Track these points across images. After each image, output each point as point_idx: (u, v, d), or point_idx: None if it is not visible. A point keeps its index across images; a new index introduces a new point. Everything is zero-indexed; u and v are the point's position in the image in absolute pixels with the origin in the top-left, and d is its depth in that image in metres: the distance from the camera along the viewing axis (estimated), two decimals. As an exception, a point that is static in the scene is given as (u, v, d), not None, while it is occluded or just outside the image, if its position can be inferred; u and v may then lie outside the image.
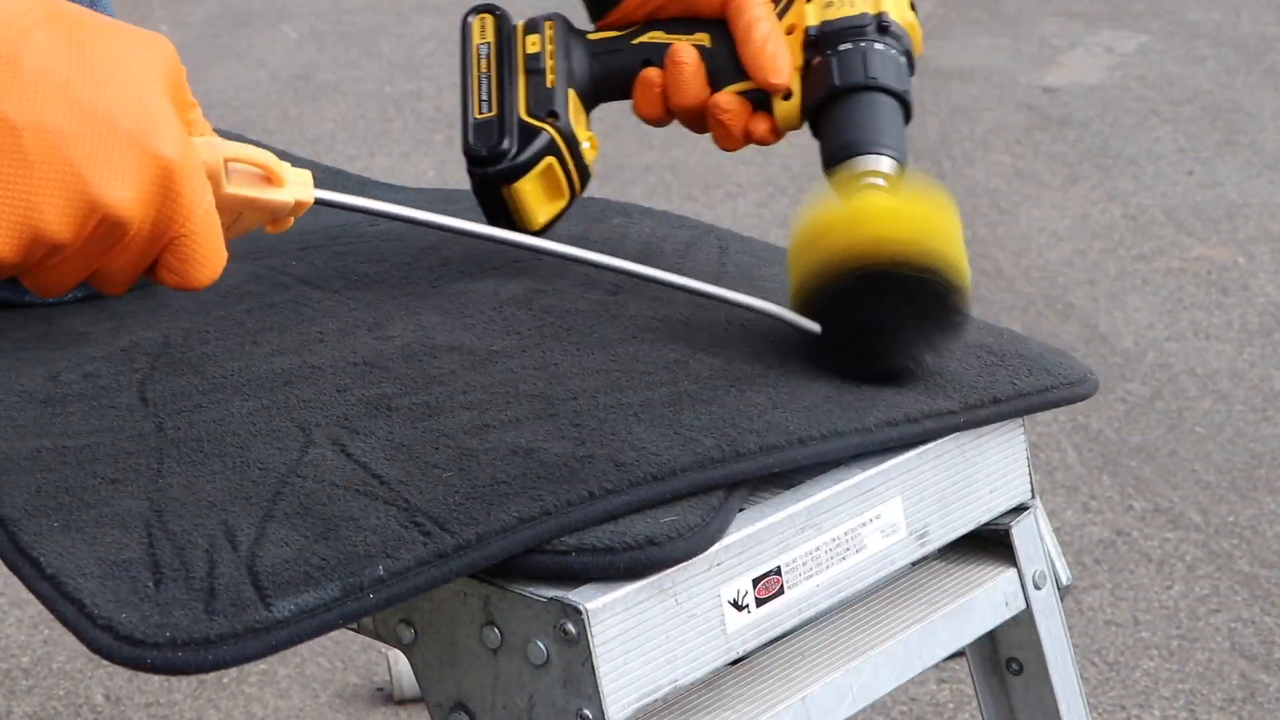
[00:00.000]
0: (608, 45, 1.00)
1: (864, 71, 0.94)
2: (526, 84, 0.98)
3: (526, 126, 0.96)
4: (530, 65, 0.98)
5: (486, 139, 0.96)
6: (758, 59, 0.96)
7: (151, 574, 0.71)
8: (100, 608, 0.69)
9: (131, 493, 0.78)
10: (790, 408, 0.85)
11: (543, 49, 0.99)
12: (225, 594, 0.69)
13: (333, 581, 0.70)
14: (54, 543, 0.74)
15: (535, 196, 0.98)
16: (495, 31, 1.00)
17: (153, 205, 0.70)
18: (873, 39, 0.95)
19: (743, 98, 0.97)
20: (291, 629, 0.68)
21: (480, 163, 0.97)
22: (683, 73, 0.97)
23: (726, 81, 0.98)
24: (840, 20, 0.96)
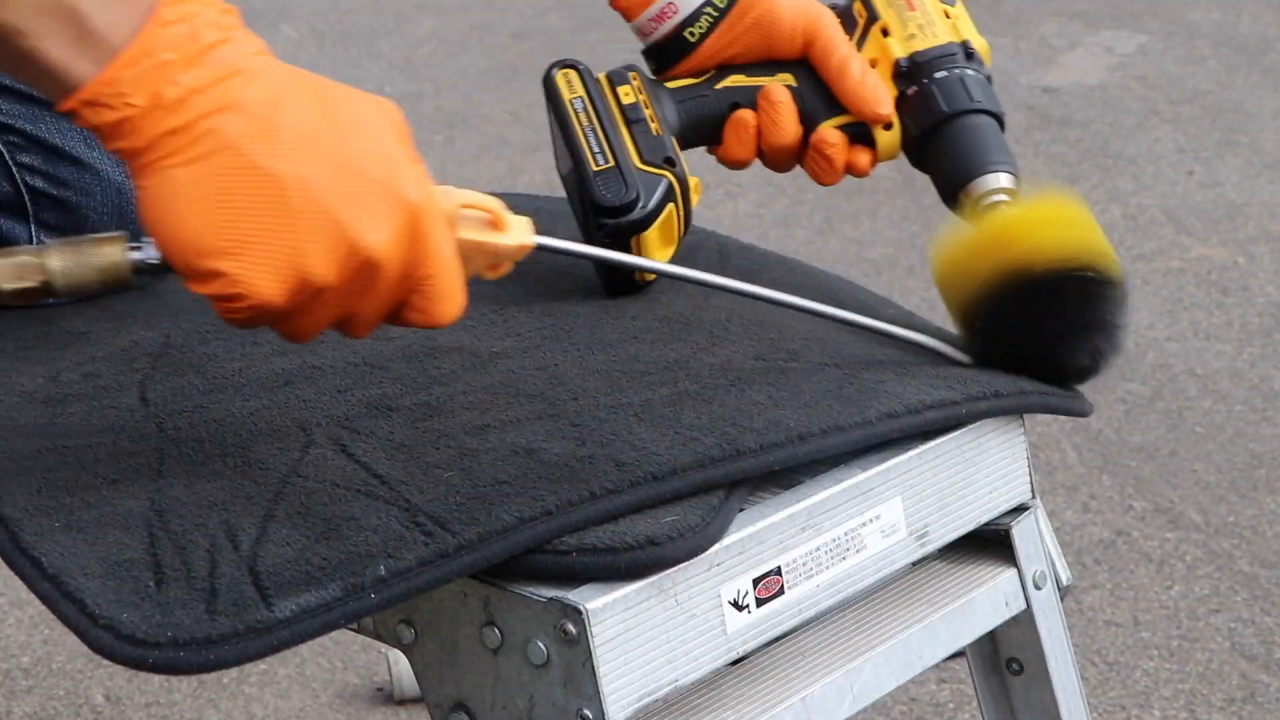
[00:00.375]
0: (691, 92, 1.02)
1: (968, 97, 0.99)
2: (631, 134, 0.99)
3: (647, 175, 0.98)
4: (630, 115, 1.00)
5: (616, 190, 0.97)
6: (860, 92, 1.00)
7: (153, 574, 0.71)
8: (101, 607, 0.69)
9: (133, 493, 0.78)
10: (790, 405, 0.85)
11: (637, 99, 1.00)
12: (227, 594, 0.69)
13: (334, 581, 0.70)
14: (55, 542, 0.74)
15: (656, 244, 0.99)
16: (583, 85, 1.01)
17: (403, 247, 0.75)
18: (964, 65, 1.00)
19: (843, 132, 1.01)
20: (293, 629, 0.69)
21: (614, 213, 0.97)
22: (780, 111, 1.00)
23: (820, 118, 1.01)
24: (931, 50, 1.00)
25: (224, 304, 0.73)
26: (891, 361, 0.92)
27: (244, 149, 0.71)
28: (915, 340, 0.94)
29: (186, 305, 1.01)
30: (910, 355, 0.94)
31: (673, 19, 1.02)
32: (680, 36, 1.02)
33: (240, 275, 0.71)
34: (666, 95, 1.02)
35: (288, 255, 0.72)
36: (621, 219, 0.97)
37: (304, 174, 0.72)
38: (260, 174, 0.71)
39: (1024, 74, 4.15)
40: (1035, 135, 3.66)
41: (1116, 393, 2.40)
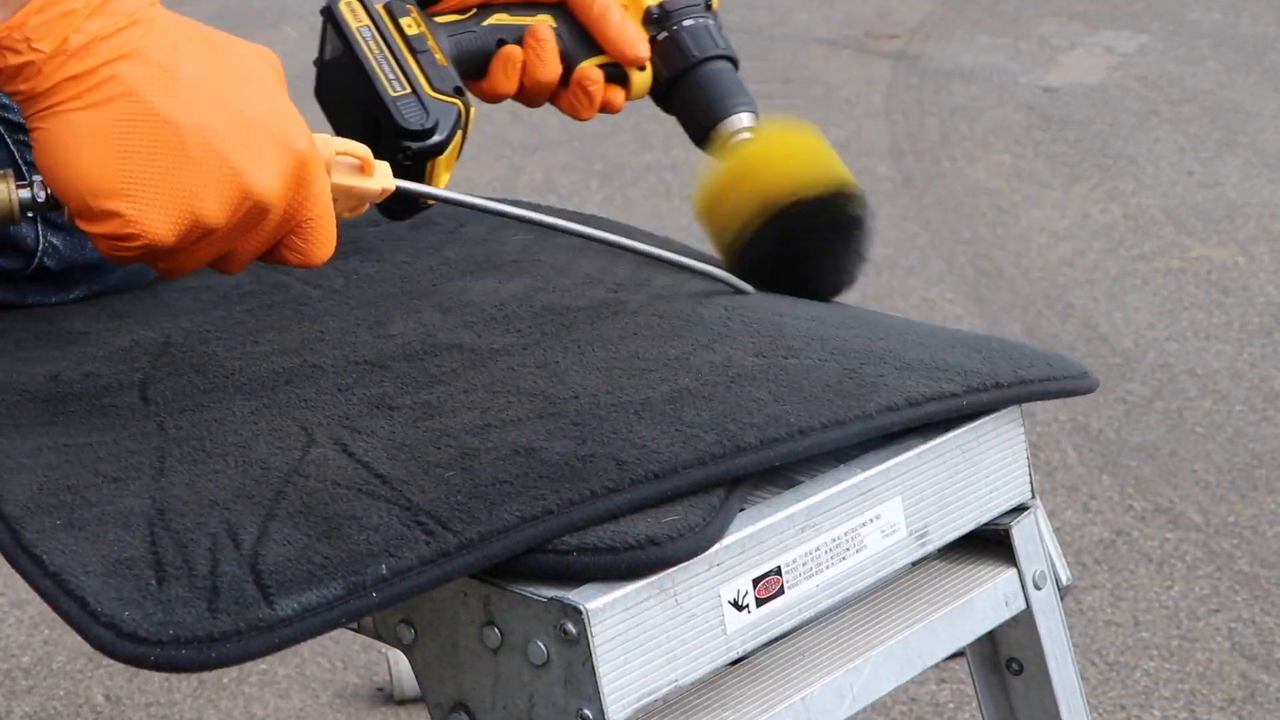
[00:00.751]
0: (460, 27, 1.06)
1: (714, 43, 1.08)
2: (419, 63, 1.02)
3: (440, 103, 1.00)
4: (416, 45, 1.02)
5: (418, 115, 0.99)
6: (621, 35, 1.06)
7: (154, 572, 0.71)
8: (103, 605, 0.69)
9: (134, 491, 0.78)
10: (790, 400, 0.85)
11: (420, 30, 1.03)
12: (228, 592, 0.69)
13: (336, 580, 0.70)
14: (56, 540, 0.74)
15: (444, 169, 1.02)
16: (367, 15, 1.03)
17: (289, 191, 0.80)
18: (705, 15, 1.08)
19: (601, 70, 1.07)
20: (295, 627, 0.68)
21: (415, 137, 0.99)
22: (545, 49, 1.05)
23: (579, 59, 1.07)
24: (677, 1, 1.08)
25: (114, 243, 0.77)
26: (891, 355, 0.92)
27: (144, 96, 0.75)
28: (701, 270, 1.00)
29: (187, 305, 1.01)
30: (910, 348, 0.94)
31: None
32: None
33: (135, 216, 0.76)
34: (440, 29, 1.05)
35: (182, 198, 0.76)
36: (424, 142, 0.99)
37: (201, 121, 0.76)
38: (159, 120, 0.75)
39: (1024, 74, 4.15)
40: (1035, 135, 3.66)
41: (1116, 393, 2.40)
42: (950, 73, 4.17)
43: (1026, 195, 3.29)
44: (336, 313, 0.98)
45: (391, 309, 0.98)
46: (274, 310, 0.99)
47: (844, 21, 4.76)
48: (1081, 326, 2.66)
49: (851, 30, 4.66)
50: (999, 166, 3.47)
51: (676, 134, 1.09)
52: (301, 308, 0.99)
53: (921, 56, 4.37)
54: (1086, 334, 2.63)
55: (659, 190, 3.30)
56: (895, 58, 4.36)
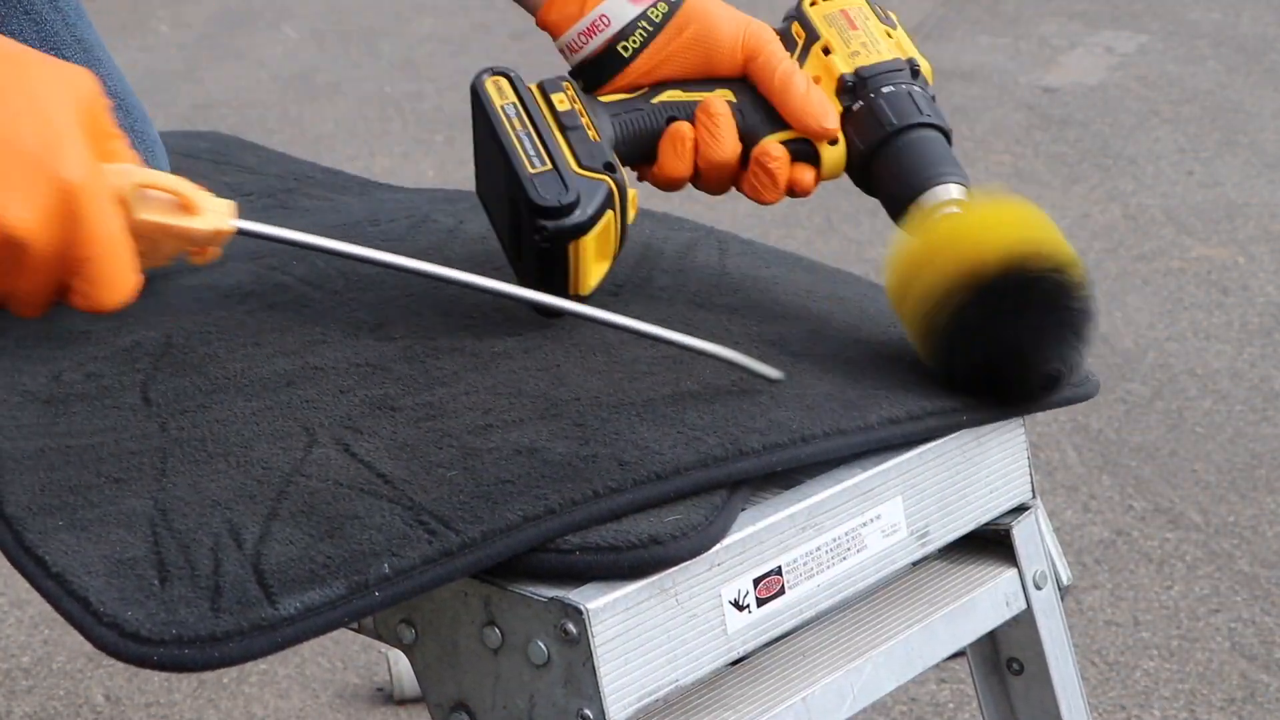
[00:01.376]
0: (626, 106, 0.98)
1: (917, 110, 0.95)
2: (568, 140, 0.94)
3: (586, 180, 0.92)
4: (566, 122, 0.95)
5: (555, 190, 0.91)
6: (806, 107, 0.96)
7: (157, 572, 0.71)
8: (106, 605, 0.69)
9: (136, 492, 0.78)
10: (793, 406, 0.85)
11: (573, 107, 0.96)
12: (231, 591, 0.69)
13: (338, 579, 0.70)
14: (59, 541, 0.74)
15: (593, 254, 0.93)
16: (514, 92, 0.96)
17: (55, 227, 0.70)
18: (910, 82, 0.97)
19: (785, 147, 0.97)
20: (297, 626, 0.69)
21: (553, 215, 0.90)
22: (719, 124, 0.96)
23: (761, 134, 0.97)
24: (878, 65, 0.97)
25: None
26: (895, 365, 0.92)
27: None
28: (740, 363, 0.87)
29: (188, 305, 1.01)
30: (911, 357, 0.94)
31: (604, 32, 0.98)
32: (613, 50, 0.98)
33: None
34: (601, 108, 0.97)
35: None
36: (562, 221, 0.90)
37: None
38: None
39: (1024, 74, 4.15)
40: (1035, 135, 3.66)
41: (1116, 393, 2.40)
42: (950, 73, 4.17)
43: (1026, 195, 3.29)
44: (337, 314, 0.98)
45: (392, 311, 0.98)
46: (275, 311, 0.99)
47: (844, 21, 4.76)
48: (1081, 326, 2.66)
49: (851, 30, 4.65)
50: (999, 166, 3.47)
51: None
52: (303, 309, 0.99)
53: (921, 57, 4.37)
54: (1086, 334, 2.62)
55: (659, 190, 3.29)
56: (895, 58, 4.36)
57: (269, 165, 1.37)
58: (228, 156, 1.39)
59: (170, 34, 4.50)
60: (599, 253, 0.93)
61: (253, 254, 1.10)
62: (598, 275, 0.94)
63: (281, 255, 1.10)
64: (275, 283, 1.04)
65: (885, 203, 0.97)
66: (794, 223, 3.12)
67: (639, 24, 0.97)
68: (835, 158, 0.97)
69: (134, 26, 4.52)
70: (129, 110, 1.05)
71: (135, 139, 1.04)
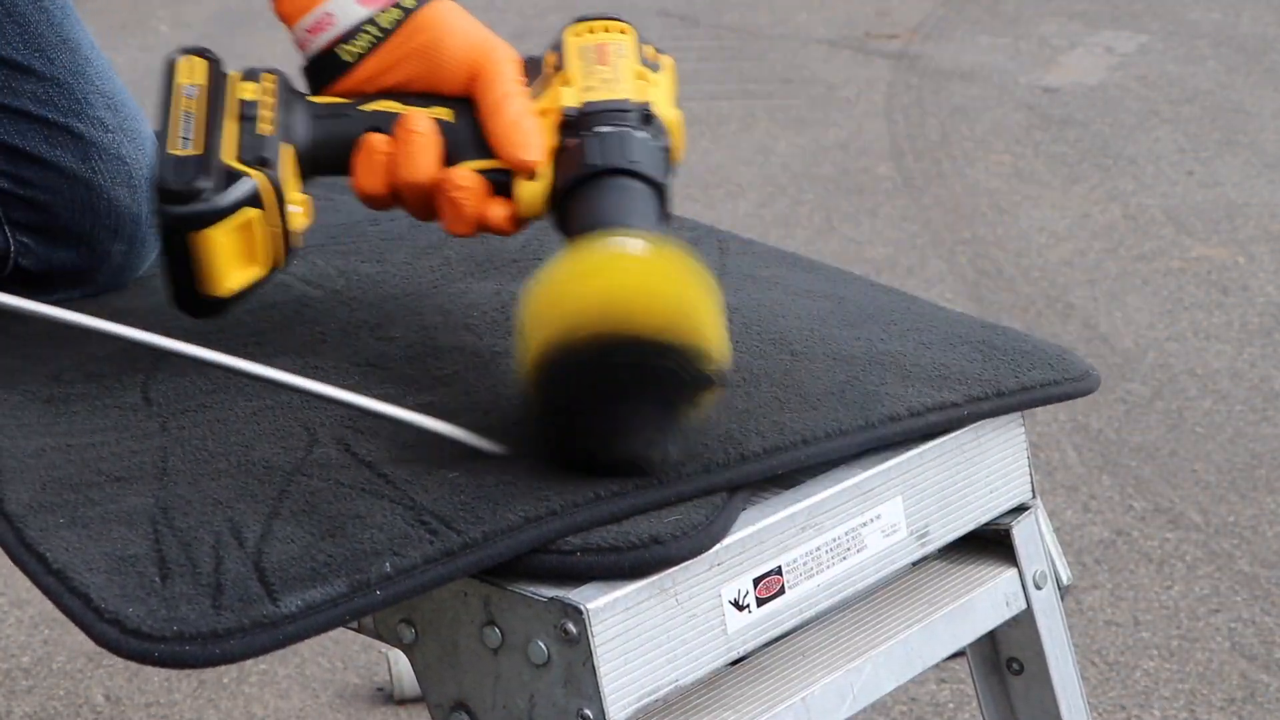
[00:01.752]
0: (332, 109, 0.90)
1: (624, 154, 0.85)
2: (239, 130, 0.86)
3: (231, 170, 0.84)
4: (244, 111, 0.87)
5: (182, 175, 0.83)
6: (508, 134, 0.86)
7: (158, 569, 0.71)
8: (107, 602, 0.69)
9: (137, 490, 0.78)
10: (794, 408, 0.85)
11: (259, 98, 0.88)
12: (232, 589, 0.69)
13: (339, 578, 0.70)
14: (59, 538, 0.74)
15: (227, 253, 0.84)
16: (207, 76, 0.89)
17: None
18: (634, 125, 0.86)
19: (482, 177, 0.87)
20: (299, 624, 0.69)
21: (170, 199, 0.83)
22: (413, 142, 0.87)
23: (466, 160, 0.87)
24: (604, 103, 0.87)
25: None
26: (893, 361, 0.92)
27: None
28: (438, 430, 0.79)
29: (188, 305, 1.01)
30: (912, 349, 0.94)
31: (328, 32, 0.90)
32: (334, 53, 0.90)
33: None
34: (302, 106, 0.89)
35: None
36: (183, 207, 0.82)
37: None
38: None
39: (1024, 74, 4.15)
40: (1035, 135, 3.66)
41: (1116, 393, 2.40)
42: (950, 73, 4.17)
43: (1026, 195, 3.29)
44: (337, 314, 0.98)
45: (392, 311, 0.98)
46: (275, 311, 0.99)
47: (844, 21, 4.76)
48: (1081, 326, 2.66)
49: (851, 30, 4.66)
50: (999, 166, 3.47)
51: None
52: (303, 309, 0.99)
53: (921, 56, 4.37)
54: (1086, 334, 2.63)
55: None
56: (895, 58, 4.36)
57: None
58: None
59: (170, 34, 4.50)
60: (237, 252, 0.85)
61: (253, 254, 1.10)
62: (238, 279, 0.85)
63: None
64: (275, 282, 1.03)
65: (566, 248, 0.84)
66: (794, 223, 3.12)
67: (365, 28, 0.90)
68: (531, 194, 0.87)
69: (134, 26, 4.52)
70: (118, 109, 1.05)
71: (127, 138, 1.04)
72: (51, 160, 1.03)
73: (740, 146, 3.58)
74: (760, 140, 3.64)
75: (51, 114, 1.03)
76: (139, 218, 1.04)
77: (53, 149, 1.03)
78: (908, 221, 3.08)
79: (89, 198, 1.04)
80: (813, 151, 3.56)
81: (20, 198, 1.03)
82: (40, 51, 1.03)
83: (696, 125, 3.69)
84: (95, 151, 1.03)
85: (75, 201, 1.04)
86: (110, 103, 1.04)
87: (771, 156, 3.52)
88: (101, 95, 1.04)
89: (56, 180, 1.03)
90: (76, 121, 1.03)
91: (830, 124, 3.77)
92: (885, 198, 3.21)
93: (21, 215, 1.04)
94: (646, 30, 0.99)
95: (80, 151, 1.03)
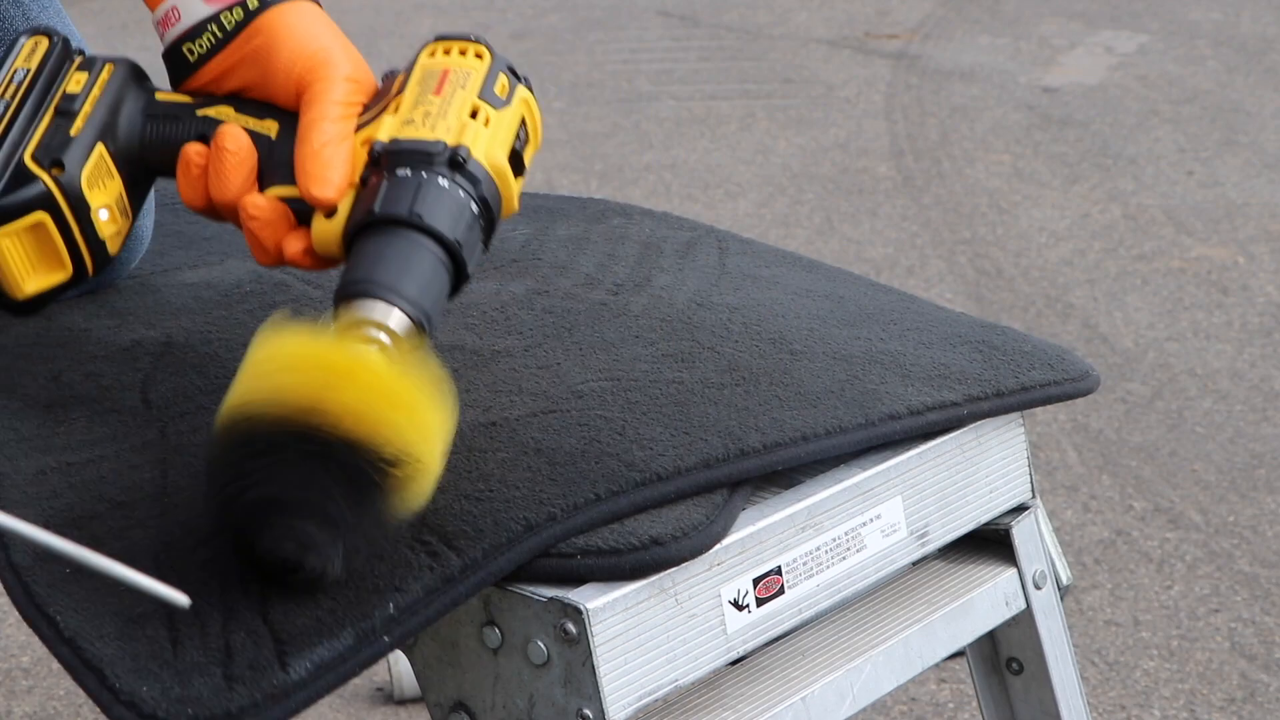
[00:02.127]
0: (169, 109, 0.85)
1: (409, 205, 0.78)
2: (49, 125, 0.82)
3: (23, 172, 0.80)
4: (63, 106, 0.83)
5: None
6: (307, 164, 0.80)
7: (168, 632, 0.70)
8: (121, 680, 0.68)
9: (139, 519, 0.77)
10: (794, 405, 0.85)
11: (85, 92, 0.83)
12: (241, 654, 0.68)
13: (345, 629, 0.69)
14: (68, 595, 0.73)
15: (18, 257, 0.81)
16: (43, 59, 0.84)
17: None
18: (439, 172, 0.79)
19: (285, 205, 0.82)
20: (310, 689, 0.68)
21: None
22: (224, 160, 0.82)
23: (276, 182, 0.82)
24: (411, 143, 0.80)
25: None
26: (893, 360, 0.92)
27: None
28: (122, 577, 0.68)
29: (188, 304, 1.01)
30: (911, 348, 0.94)
31: (174, 28, 0.85)
32: (180, 51, 0.85)
33: None
34: (139, 105, 0.85)
35: None
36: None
37: None
38: None
39: (1024, 74, 4.15)
40: (1035, 135, 3.66)
41: (1116, 393, 2.40)
42: (950, 73, 4.18)
43: (1026, 195, 3.29)
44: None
45: (392, 309, 0.98)
46: (274, 311, 0.99)
47: (844, 21, 4.76)
48: (1081, 326, 2.66)
49: (851, 30, 4.66)
50: (999, 166, 3.47)
51: (676, 134, 1.07)
52: (303, 309, 0.99)
53: (921, 56, 4.37)
54: (1086, 334, 2.63)
55: (659, 190, 3.30)
56: (895, 58, 4.37)
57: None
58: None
59: (170, 34, 4.49)
60: (34, 258, 0.82)
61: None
62: (35, 284, 0.82)
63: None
64: (275, 281, 1.04)
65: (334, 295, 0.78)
66: (794, 223, 3.12)
67: (209, 26, 0.84)
68: (326, 231, 0.80)
69: (134, 26, 4.52)
70: None
71: None
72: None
73: (740, 146, 3.59)
74: (760, 140, 3.64)
75: None
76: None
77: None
78: (908, 221, 3.08)
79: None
80: (812, 151, 3.56)
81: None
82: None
83: (696, 125, 3.69)
84: None
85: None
86: None
87: (771, 156, 3.52)
88: None
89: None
90: None
91: (830, 124, 3.77)
92: (885, 198, 3.21)
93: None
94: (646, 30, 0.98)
95: None
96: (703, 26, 4.72)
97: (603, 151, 3.59)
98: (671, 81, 4.11)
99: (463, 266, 0.79)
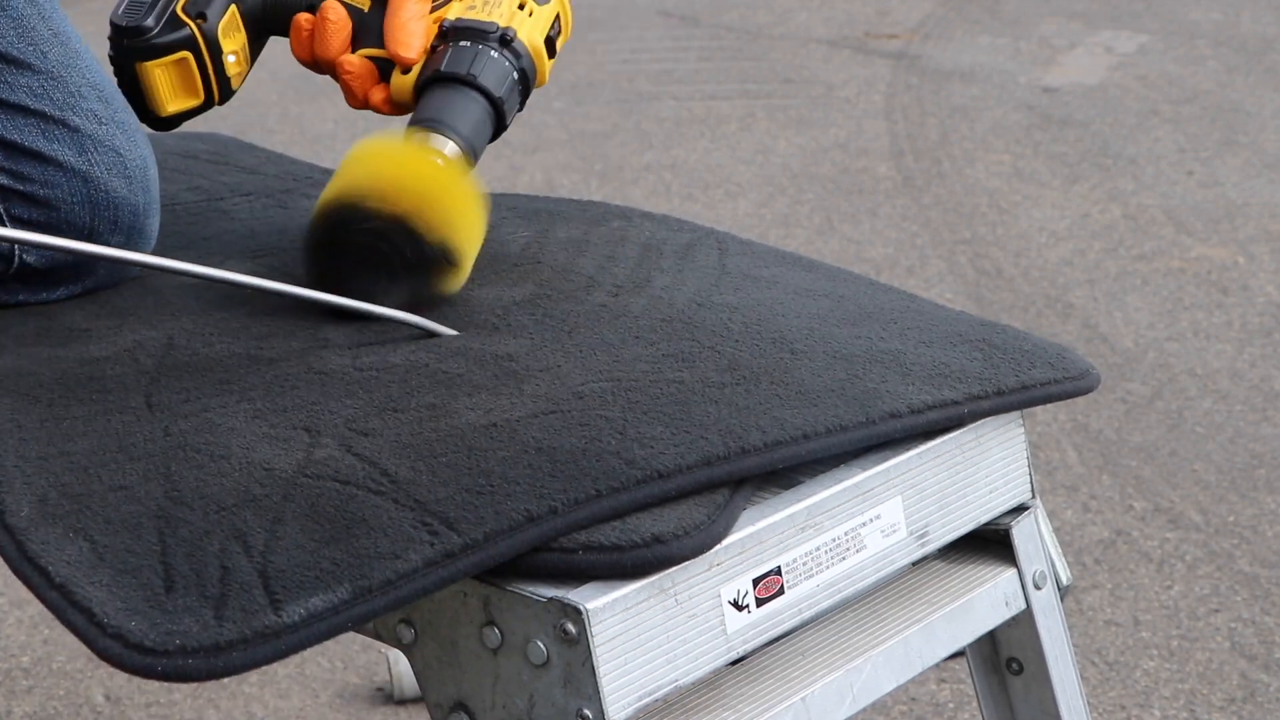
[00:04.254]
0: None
1: (467, 67, 1.03)
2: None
3: (175, 18, 1.04)
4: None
5: (134, 14, 1.04)
6: (395, 32, 1.04)
7: (163, 580, 0.71)
8: (110, 616, 0.69)
9: (139, 498, 0.78)
10: (795, 404, 0.85)
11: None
12: (235, 599, 0.69)
13: (342, 584, 0.70)
14: (62, 551, 0.74)
15: (165, 84, 1.05)
16: None
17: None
18: (492, 46, 1.04)
19: (371, 63, 1.06)
20: (301, 633, 0.68)
21: (120, 33, 1.04)
22: (326, 27, 1.06)
23: (366, 45, 1.06)
24: (470, 21, 1.05)
25: None
26: (894, 359, 0.92)
27: None
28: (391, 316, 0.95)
29: (189, 305, 1.01)
30: (912, 347, 0.94)
31: None
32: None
33: None
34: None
35: None
36: (125, 41, 1.04)
37: None
38: None
39: (1024, 74, 4.15)
40: (1035, 135, 3.66)
41: (1116, 393, 2.40)
42: (950, 73, 4.18)
43: (1026, 195, 3.29)
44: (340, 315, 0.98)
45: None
46: (275, 314, 0.99)
47: (844, 21, 4.76)
48: (1081, 326, 2.66)
49: (851, 30, 4.66)
50: (999, 166, 3.47)
51: (676, 134, 1.08)
52: (306, 311, 0.99)
53: (921, 56, 4.37)
54: (1086, 334, 2.63)
55: (659, 190, 3.30)
56: (895, 58, 4.37)
57: (268, 166, 1.37)
58: (227, 157, 1.39)
59: (170, 34, 4.49)
60: (177, 86, 1.06)
61: (253, 253, 1.10)
62: (175, 105, 1.06)
63: (282, 254, 1.10)
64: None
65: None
66: (794, 223, 3.12)
67: None
68: (401, 84, 1.05)
69: (134, 26, 4.51)
70: (109, 101, 1.05)
71: (119, 129, 1.05)
72: (49, 154, 1.03)
73: (740, 146, 3.59)
74: (760, 140, 3.64)
75: (47, 107, 1.03)
76: (136, 208, 1.05)
77: (50, 143, 1.03)
78: (908, 221, 3.08)
79: (87, 190, 1.04)
80: (812, 151, 3.56)
81: (20, 193, 1.03)
82: (34, 45, 1.03)
83: (696, 125, 3.69)
84: (91, 144, 1.04)
85: (74, 195, 1.04)
86: (101, 95, 1.05)
87: (771, 156, 3.52)
88: (93, 88, 1.05)
89: (55, 174, 1.03)
90: (71, 114, 1.03)
91: (830, 124, 3.77)
92: (885, 198, 3.21)
93: (22, 211, 1.04)
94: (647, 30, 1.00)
95: (76, 144, 1.03)
96: (703, 26, 4.72)
97: (603, 151, 3.59)
98: (672, 81, 4.11)
99: (503, 118, 1.04)
